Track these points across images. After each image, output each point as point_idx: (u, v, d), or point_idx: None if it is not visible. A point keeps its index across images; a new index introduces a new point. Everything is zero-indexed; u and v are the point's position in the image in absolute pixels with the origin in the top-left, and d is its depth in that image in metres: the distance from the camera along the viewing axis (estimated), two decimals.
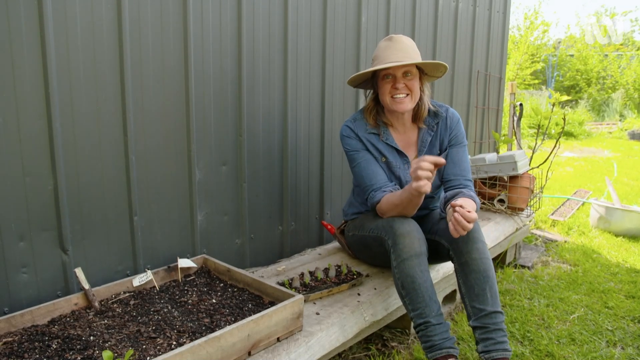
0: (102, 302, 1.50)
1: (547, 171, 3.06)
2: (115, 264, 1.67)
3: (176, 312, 1.45)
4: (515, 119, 3.51)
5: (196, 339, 1.26)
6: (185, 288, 1.62)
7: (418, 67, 1.81)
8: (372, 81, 1.89)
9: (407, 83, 1.77)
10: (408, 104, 1.80)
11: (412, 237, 1.63)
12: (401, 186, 1.89)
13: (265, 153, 2.09)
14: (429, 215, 1.92)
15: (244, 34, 1.91)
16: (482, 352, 1.54)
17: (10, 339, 1.27)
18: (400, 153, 1.89)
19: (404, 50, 1.75)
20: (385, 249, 1.73)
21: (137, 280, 1.59)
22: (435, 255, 1.80)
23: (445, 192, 1.88)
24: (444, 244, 1.72)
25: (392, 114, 1.87)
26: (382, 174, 1.86)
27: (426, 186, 1.55)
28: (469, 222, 1.50)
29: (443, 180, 1.91)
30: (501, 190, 2.84)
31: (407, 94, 1.79)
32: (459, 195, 1.73)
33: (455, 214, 1.51)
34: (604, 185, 5.03)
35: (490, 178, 2.84)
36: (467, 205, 1.58)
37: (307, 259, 2.08)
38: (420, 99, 1.85)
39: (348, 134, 1.90)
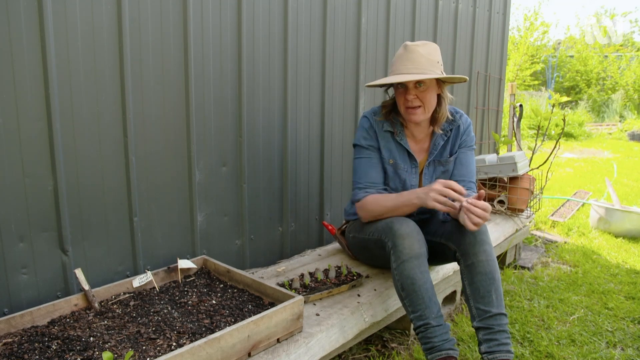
0: (102, 303, 1.50)
1: (547, 172, 3.06)
2: (115, 265, 1.67)
3: (176, 313, 1.45)
4: (515, 120, 3.51)
5: (196, 340, 1.26)
6: (185, 289, 1.62)
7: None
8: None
9: (419, 94, 1.74)
10: (420, 116, 1.78)
11: (412, 239, 1.63)
12: (405, 189, 1.88)
13: (265, 154, 2.09)
14: (434, 217, 1.92)
15: (244, 34, 1.91)
16: (485, 352, 1.54)
17: (10, 340, 1.26)
18: (410, 156, 1.89)
19: (415, 61, 1.71)
20: (385, 251, 1.73)
21: (137, 281, 1.59)
22: (441, 257, 1.80)
23: None
24: (451, 246, 1.72)
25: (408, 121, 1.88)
26: (375, 177, 1.86)
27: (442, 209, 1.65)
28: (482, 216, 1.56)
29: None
30: (501, 191, 2.84)
31: (420, 105, 1.76)
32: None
33: (472, 208, 1.56)
34: (604, 186, 5.03)
35: (490, 179, 2.84)
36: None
37: (307, 260, 2.08)
38: (439, 104, 1.83)
39: (366, 127, 1.89)
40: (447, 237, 1.74)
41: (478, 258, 1.62)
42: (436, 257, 1.80)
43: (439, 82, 1.80)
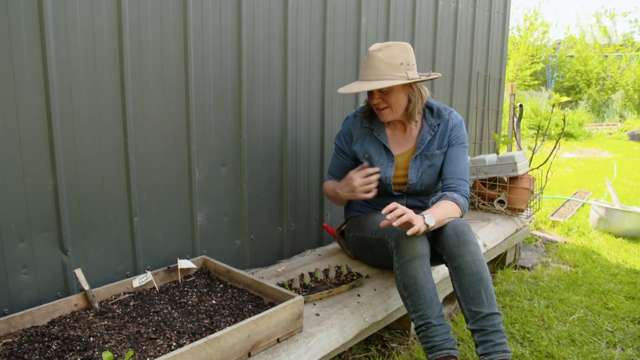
0: (102, 303, 1.50)
1: (547, 172, 3.06)
2: (115, 265, 1.67)
3: (176, 313, 1.45)
4: (515, 119, 3.51)
5: (196, 339, 1.26)
6: (185, 289, 1.62)
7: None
8: None
9: (384, 97, 1.81)
10: (388, 116, 1.86)
11: (415, 239, 1.63)
12: (380, 182, 1.92)
13: (265, 154, 2.09)
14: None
15: (244, 34, 1.91)
16: (482, 354, 1.54)
17: (10, 340, 1.27)
18: (387, 150, 1.92)
19: (374, 67, 1.76)
20: (387, 250, 1.73)
21: (137, 281, 1.59)
22: (432, 258, 1.80)
23: (441, 190, 1.90)
24: (437, 249, 1.72)
25: None
26: (336, 173, 2.06)
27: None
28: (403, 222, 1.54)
29: (441, 179, 1.93)
30: (501, 191, 2.84)
31: (386, 107, 1.83)
32: (442, 198, 1.80)
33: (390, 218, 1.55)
34: (604, 186, 5.03)
35: (490, 179, 2.84)
36: (440, 209, 1.70)
37: (307, 260, 2.08)
38: (410, 100, 1.86)
39: (344, 131, 2.02)
40: (432, 239, 1.74)
41: (464, 259, 1.62)
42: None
43: (407, 83, 1.82)
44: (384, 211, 1.56)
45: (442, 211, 1.70)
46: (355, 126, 1.98)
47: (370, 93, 1.84)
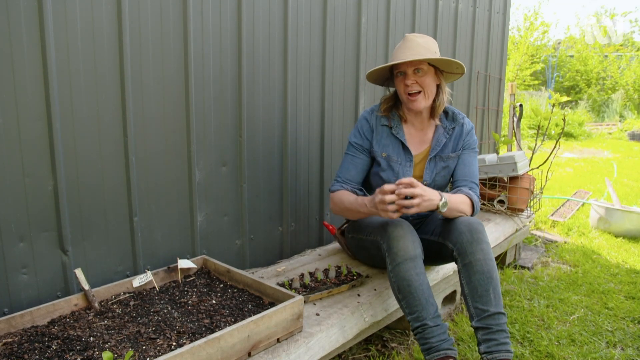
0: (102, 303, 1.50)
1: (547, 172, 3.06)
2: (115, 265, 1.67)
3: (176, 312, 1.45)
4: (515, 119, 3.51)
5: (196, 339, 1.26)
6: (185, 289, 1.62)
7: (432, 64, 1.82)
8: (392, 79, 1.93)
9: (418, 79, 1.78)
10: (421, 102, 1.81)
11: (406, 240, 1.63)
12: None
13: (265, 154, 2.09)
14: (432, 216, 1.93)
15: (244, 34, 1.91)
16: (485, 352, 1.54)
17: (10, 340, 1.27)
18: (405, 149, 1.91)
19: (413, 49, 1.77)
20: (381, 251, 1.73)
21: (137, 281, 1.59)
22: (438, 256, 1.81)
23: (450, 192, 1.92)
24: (448, 245, 1.73)
25: (409, 111, 1.91)
26: (354, 175, 1.90)
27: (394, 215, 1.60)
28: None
29: (452, 181, 1.95)
30: (501, 191, 2.84)
31: (420, 91, 1.80)
32: (457, 192, 1.82)
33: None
34: (604, 186, 5.03)
35: (490, 179, 2.84)
36: (455, 198, 1.73)
37: (307, 260, 2.08)
38: (437, 95, 1.87)
39: (360, 126, 1.94)
40: (444, 236, 1.75)
41: (475, 257, 1.62)
42: (435, 256, 1.80)
43: (438, 72, 1.84)
44: (397, 182, 1.58)
45: (457, 201, 1.73)
46: (374, 122, 1.93)
47: (403, 77, 1.81)
